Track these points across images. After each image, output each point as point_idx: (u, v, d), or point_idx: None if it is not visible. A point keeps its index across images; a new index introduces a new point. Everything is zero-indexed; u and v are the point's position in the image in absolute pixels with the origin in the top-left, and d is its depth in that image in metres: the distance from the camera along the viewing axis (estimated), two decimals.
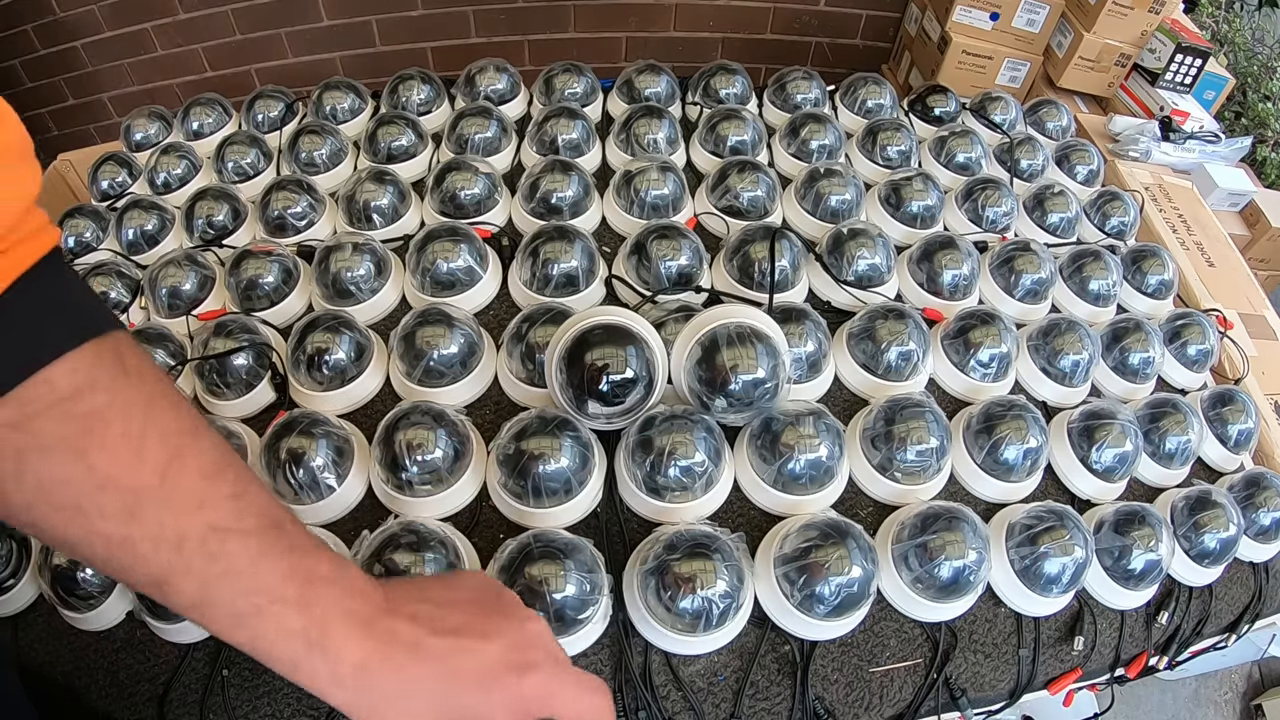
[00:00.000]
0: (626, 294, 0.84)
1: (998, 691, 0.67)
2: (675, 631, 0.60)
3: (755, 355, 0.65)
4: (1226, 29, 1.83)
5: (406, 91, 1.07)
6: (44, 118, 1.95)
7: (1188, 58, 1.34)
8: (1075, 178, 1.07)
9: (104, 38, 1.79)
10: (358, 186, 0.88)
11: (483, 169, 0.90)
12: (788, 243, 0.82)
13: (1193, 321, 0.87)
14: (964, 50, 1.53)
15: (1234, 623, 0.75)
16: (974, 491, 0.74)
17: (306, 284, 0.83)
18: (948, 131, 1.05)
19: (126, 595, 0.62)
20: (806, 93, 1.10)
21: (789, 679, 0.62)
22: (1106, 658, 0.70)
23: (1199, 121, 1.29)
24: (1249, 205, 1.30)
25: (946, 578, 0.62)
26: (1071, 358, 0.80)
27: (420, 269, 0.80)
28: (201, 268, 0.83)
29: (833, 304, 0.86)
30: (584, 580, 0.58)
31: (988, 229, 0.95)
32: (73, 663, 0.63)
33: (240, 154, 0.98)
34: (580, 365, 0.64)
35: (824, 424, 0.68)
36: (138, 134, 1.08)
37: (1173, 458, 0.77)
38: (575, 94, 1.07)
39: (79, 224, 0.93)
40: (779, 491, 0.68)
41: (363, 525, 0.64)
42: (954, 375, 0.80)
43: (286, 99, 1.06)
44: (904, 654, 0.65)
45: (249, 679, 0.60)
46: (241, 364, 0.73)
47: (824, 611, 0.60)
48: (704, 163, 1.00)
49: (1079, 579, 0.66)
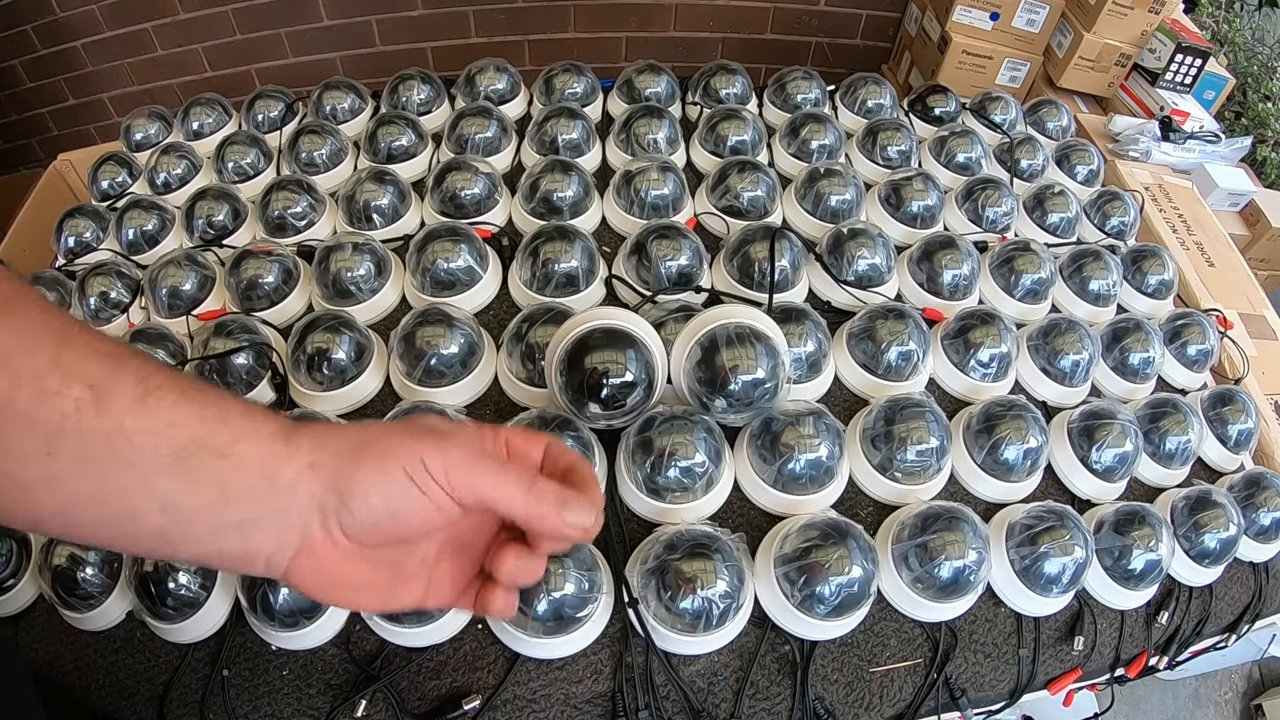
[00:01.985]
0: (626, 294, 0.84)
1: (998, 691, 0.67)
2: (675, 631, 0.60)
3: (755, 355, 0.65)
4: (1226, 29, 1.83)
5: (406, 91, 1.07)
6: (44, 118, 1.95)
7: (1188, 58, 1.34)
8: (1075, 178, 1.07)
9: (104, 38, 1.78)
10: (358, 186, 0.88)
11: (483, 169, 0.90)
12: (788, 243, 0.82)
13: (1193, 321, 0.87)
14: (964, 50, 1.53)
15: (1234, 623, 0.75)
16: (974, 491, 0.74)
17: (306, 284, 0.83)
18: (948, 131, 1.05)
19: (126, 595, 0.62)
20: (806, 93, 1.10)
21: (789, 679, 0.62)
22: (1106, 658, 0.70)
23: (1199, 121, 1.29)
24: (1249, 205, 1.30)
25: (946, 578, 0.62)
26: (1071, 358, 0.80)
27: (420, 269, 0.80)
28: (201, 268, 0.83)
29: (833, 304, 0.86)
30: (583, 579, 0.58)
31: (988, 229, 0.95)
32: (73, 663, 0.63)
33: (240, 154, 0.98)
34: (580, 369, 0.64)
35: (824, 424, 0.68)
36: (138, 134, 1.08)
37: (1173, 458, 0.77)
38: (575, 94, 1.07)
39: (79, 224, 0.93)
40: (779, 491, 0.68)
41: None
42: (954, 375, 0.80)
43: (286, 99, 1.06)
44: (904, 654, 0.65)
45: (249, 679, 0.60)
46: (242, 364, 0.73)
47: (824, 611, 0.60)
48: (704, 163, 1.00)
49: (1079, 579, 0.66)
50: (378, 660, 0.60)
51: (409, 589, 0.36)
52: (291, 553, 0.32)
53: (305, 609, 0.59)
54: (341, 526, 0.32)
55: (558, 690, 0.60)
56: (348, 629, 0.62)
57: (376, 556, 0.34)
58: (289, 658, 0.61)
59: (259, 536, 0.31)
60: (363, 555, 0.34)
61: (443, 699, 0.60)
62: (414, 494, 0.32)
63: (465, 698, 0.59)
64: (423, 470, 0.32)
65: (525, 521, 0.34)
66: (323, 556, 0.33)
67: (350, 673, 0.60)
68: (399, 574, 0.36)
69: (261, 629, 0.60)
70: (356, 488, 0.32)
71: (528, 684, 0.60)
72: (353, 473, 0.32)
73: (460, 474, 0.33)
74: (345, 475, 0.32)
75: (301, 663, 0.61)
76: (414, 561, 0.36)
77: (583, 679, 0.61)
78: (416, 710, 0.59)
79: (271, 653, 0.61)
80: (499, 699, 0.59)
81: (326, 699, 0.60)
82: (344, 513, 0.32)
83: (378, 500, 0.32)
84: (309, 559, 0.33)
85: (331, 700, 0.59)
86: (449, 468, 0.32)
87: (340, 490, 0.32)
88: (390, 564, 0.35)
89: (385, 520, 0.32)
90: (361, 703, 0.58)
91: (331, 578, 0.33)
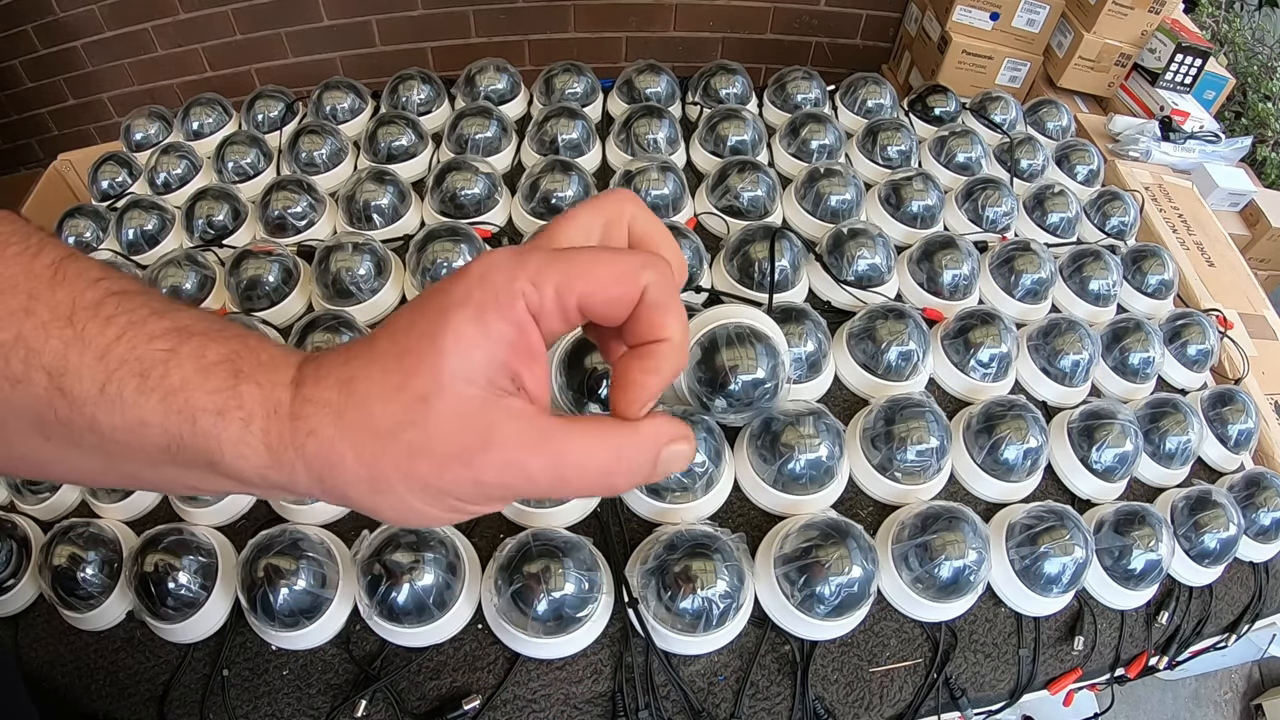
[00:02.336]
0: None
1: (998, 691, 0.67)
2: (675, 631, 0.60)
3: (755, 355, 0.65)
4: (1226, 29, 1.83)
5: (406, 91, 1.07)
6: (44, 118, 1.95)
7: (1188, 58, 1.34)
8: (1075, 178, 1.07)
9: (104, 38, 1.79)
10: (358, 186, 0.88)
11: (483, 169, 0.90)
12: (788, 243, 0.82)
13: (1193, 321, 0.87)
14: (964, 50, 1.53)
15: (1234, 623, 0.75)
16: (974, 491, 0.74)
17: (306, 284, 0.83)
18: (948, 131, 1.05)
19: (126, 595, 0.62)
20: (806, 93, 1.10)
21: (789, 679, 0.62)
22: (1106, 658, 0.70)
23: (1199, 121, 1.29)
24: (1249, 205, 1.30)
25: (946, 578, 0.62)
26: (1071, 358, 0.80)
27: (420, 269, 0.80)
28: (201, 268, 0.83)
29: (833, 304, 0.86)
30: (583, 579, 0.58)
31: (988, 229, 0.95)
32: (73, 663, 0.63)
33: (240, 154, 0.98)
34: (580, 369, 0.64)
35: (824, 424, 0.68)
36: (138, 134, 1.08)
37: (1173, 458, 0.77)
38: (575, 94, 1.07)
39: (79, 224, 0.93)
40: (779, 491, 0.68)
41: (363, 525, 0.64)
42: (954, 375, 0.80)
43: (286, 99, 1.06)
44: (904, 654, 0.65)
45: (249, 679, 0.60)
46: None
47: (824, 611, 0.60)
48: (704, 163, 1.00)
49: (1079, 579, 0.66)
50: (378, 660, 0.60)
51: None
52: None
53: (305, 609, 0.59)
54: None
55: (558, 690, 0.60)
56: (348, 629, 0.62)
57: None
58: (289, 658, 0.61)
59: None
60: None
61: (443, 699, 0.60)
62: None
63: (465, 698, 0.59)
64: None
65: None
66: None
67: (350, 673, 0.60)
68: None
69: (261, 629, 0.60)
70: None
71: (528, 684, 0.60)
72: (375, 508, 0.26)
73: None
74: (366, 507, 0.26)
75: (301, 663, 0.61)
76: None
77: (583, 679, 0.61)
78: (416, 710, 0.59)
79: (271, 653, 0.61)
80: (499, 699, 0.59)
81: (326, 699, 0.60)
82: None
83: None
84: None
85: (331, 700, 0.59)
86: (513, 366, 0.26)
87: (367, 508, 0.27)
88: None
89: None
90: (361, 703, 0.58)
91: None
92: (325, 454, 0.25)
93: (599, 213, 0.29)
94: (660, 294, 0.27)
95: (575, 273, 0.26)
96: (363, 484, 0.25)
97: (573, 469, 0.25)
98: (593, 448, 0.26)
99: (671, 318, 0.27)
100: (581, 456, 0.25)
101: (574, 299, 0.26)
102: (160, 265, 0.82)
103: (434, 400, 0.24)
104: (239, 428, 0.25)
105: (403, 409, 0.24)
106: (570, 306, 0.26)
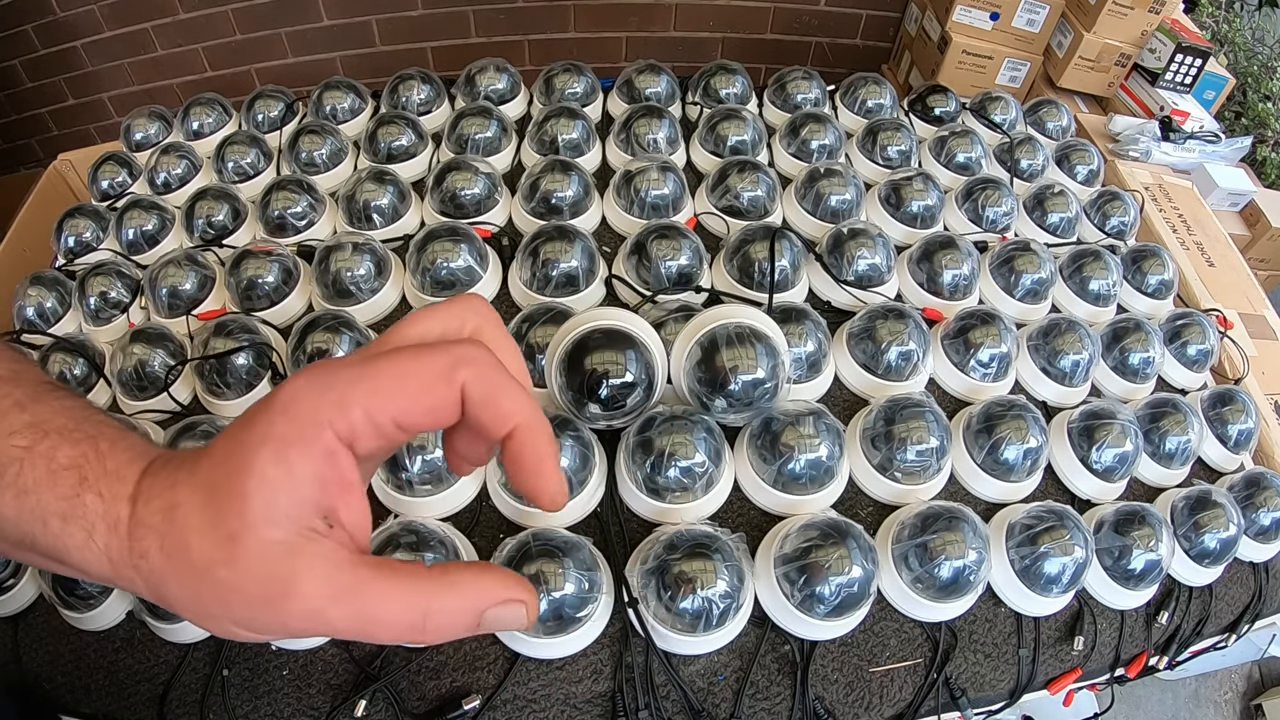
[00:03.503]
0: (626, 294, 0.84)
1: (998, 691, 0.67)
2: (675, 631, 0.60)
3: (755, 355, 0.65)
4: (1226, 29, 1.83)
5: (406, 91, 1.07)
6: (44, 118, 1.95)
7: (1188, 58, 1.34)
8: (1075, 178, 1.07)
9: (104, 38, 1.79)
10: (358, 186, 0.88)
11: (483, 169, 0.91)
12: (788, 243, 0.82)
13: (1193, 321, 0.87)
14: (964, 50, 1.53)
15: (1234, 623, 0.75)
16: (974, 491, 0.74)
17: (306, 284, 0.83)
18: (948, 131, 1.05)
19: (126, 595, 0.62)
20: (806, 93, 1.10)
21: (789, 679, 0.62)
22: (1106, 658, 0.70)
23: (1199, 121, 1.29)
24: (1249, 205, 1.30)
25: (946, 578, 0.62)
26: (1071, 358, 0.80)
27: (420, 269, 0.80)
28: (201, 268, 0.83)
29: (833, 304, 0.86)
30: (582, 579, 0.58)
31: (988, 229, 0.95)
32: (73, 663, 0.63)
33: (240, 154, 0.98)
34: (580, 370, 0.64)
35: (824, 424, 0.68)
36: (138, 134, 1.08)
37: (1173, 458, 0.77)
38: (575, 94, 1.07)
39: (79, 224, 0.93)
40: (779, 491, 0.68)
41: None
42: (954, 375, 0.80)
43: (286, 99, 1.06)
44: (904, 654, 0.65)
45: (249, 679, 0.60)
46: (242, 364, 0.73)
47: (824, 611, 0.60)
48: (704, 163, 1.00)
49: (1079, 579, 0.66)
50: (378, 660, 0.60)
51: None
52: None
53: None
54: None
55: (558, 690, 0.60)
56: None
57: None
58: (289, 657, 0.61)
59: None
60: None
61: (443, 699, 0.60)
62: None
63: (465, 698, 0.59)
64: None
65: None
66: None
67: (350, 673, 0.60)
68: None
69: None
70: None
71: (528, 684, 0.60)
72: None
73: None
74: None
75: (301, 663, 0.61)
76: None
77: (583, 679, 0.61)
78: (416, 710, 0.59)
79: (271, 652, 0.61)
80: (499, 699, 0.59)
81: (326, 699, 0.60)
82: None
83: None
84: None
85: (331, 700, 0.59)
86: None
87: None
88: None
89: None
90: (361, 703, 0.58)
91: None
92: (156, 578, 0.25)
93: (438, 320, 0.28)
94: (483, 387, 0.26)
95: (382, 390, 0.25)
96: (189, 611, 0.25)
97: (373, 624, 0.24)
98: (398, 605, 0.25)
99: (507, 402, 0.26)
100: (383, 612, 0.24)
101: (386, 417, 0.25)
102: (160, 265, 0.82)
103: (241, 541, 0.24)
104: (83, 537, 0.25)
105: (215, 546, 0.24)
106: (384, 424, 0.25)
